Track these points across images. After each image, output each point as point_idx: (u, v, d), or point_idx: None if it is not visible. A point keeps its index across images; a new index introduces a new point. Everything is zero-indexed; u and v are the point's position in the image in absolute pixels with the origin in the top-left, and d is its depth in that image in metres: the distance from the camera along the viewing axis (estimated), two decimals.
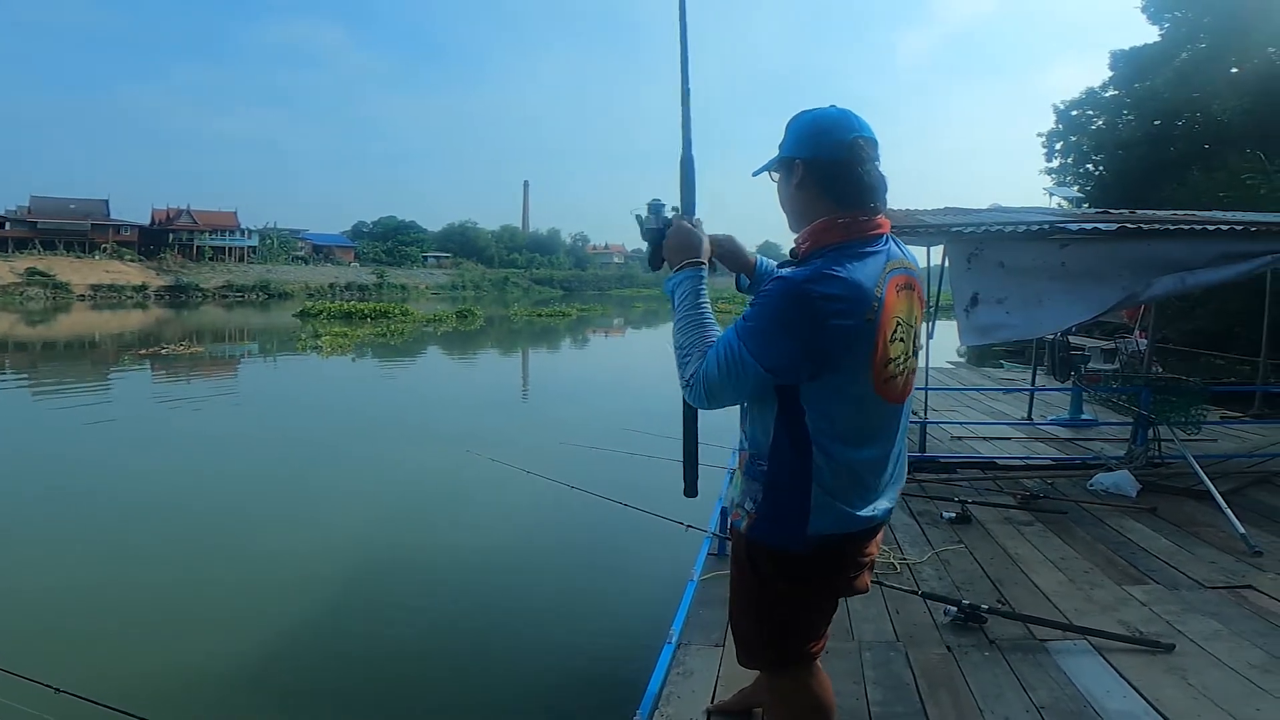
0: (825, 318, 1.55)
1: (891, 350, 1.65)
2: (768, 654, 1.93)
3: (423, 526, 7.54)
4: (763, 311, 1.60)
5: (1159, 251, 5.48)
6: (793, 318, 1.56)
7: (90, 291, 57.06)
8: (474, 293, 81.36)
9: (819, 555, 1.73)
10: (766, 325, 1.59)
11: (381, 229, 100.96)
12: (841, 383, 1.63)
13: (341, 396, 16.75)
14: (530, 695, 4.47)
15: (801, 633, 1.87)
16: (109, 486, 8.84)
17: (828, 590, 1.86)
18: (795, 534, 1.70)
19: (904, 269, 1.70)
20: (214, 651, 4.84)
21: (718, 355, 1.63)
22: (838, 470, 1.67)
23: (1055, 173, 26.15)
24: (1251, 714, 2.63)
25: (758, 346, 1.58)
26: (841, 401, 1.65)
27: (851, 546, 1.79)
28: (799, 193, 1.73)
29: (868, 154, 1.68)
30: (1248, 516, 4.72)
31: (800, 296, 1.55)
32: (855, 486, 1.71)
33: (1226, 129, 18.76)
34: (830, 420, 1.65)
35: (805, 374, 1.61)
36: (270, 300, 62.25)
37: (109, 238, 71.01)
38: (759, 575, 1.82)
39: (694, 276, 1.78)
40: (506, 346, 30.64)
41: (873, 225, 1.68)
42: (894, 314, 1.64)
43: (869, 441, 1.71)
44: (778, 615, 1.85)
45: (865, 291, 1.58)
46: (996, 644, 3.19)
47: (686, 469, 2.17)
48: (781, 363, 1.59)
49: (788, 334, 1.57)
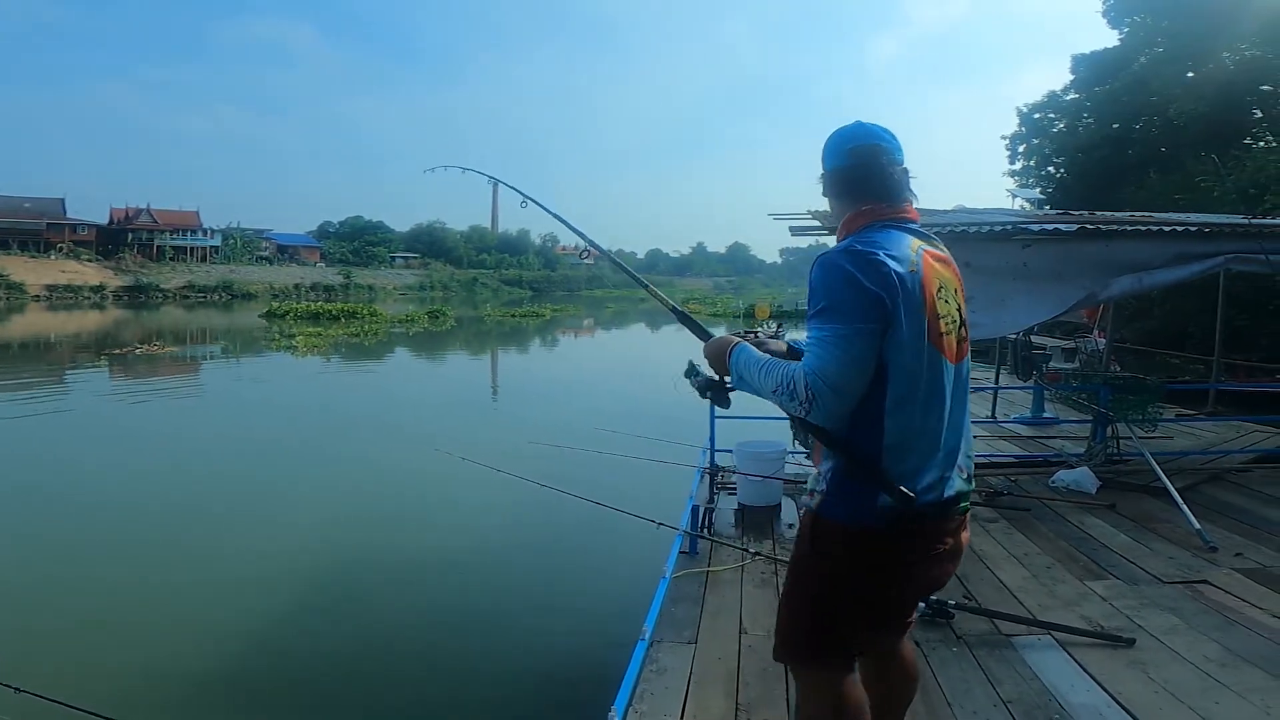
0: (875, 265, 1.64)
1: (939, 307, 1.72)
2: (809, 646, 1.85)
3: (393, 526, 7.50)
4: (825, 287, 1.66)
5: (1117, 252, 5.60)
6: (851, 274, 1.63)
7: (46, 292, 55.59)
8: (442, 293, 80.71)
9: (892, 531, 1.70)
10: (836, 293, 1.64)
11: (348, 229, 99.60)
12: (908, 335, 1.65)
13: (316, 396, 16.73)
14: (503, 693, 4.47)
15: (850, 626, 1.81)
16: (75, 485, 8.73)
17: (896, 574, 1.78)
18: (867, 505, 1.69)
19: (937, 247, 1.83)
20: (181, 651, 4.80)
21: (817, 358, 1.63)
22: (909, 436, 1.69)
23: (1018, 174, 26.65)
24: (1211, 707, 2.70)
25: (844, 314, 1.62)
26: (909, 354, 1.67)
27: (928, 526, 1.74)
28: (832, 200, 1.90)
29: (882, 158, 1.81)
30: (1202, 513, 4.84)
31: (844, 255, 1.67)
32: (923, 452, 1.71)
33: (1182, 132, 19.23)
34: (902, 375, 1.67)
35: (887, 317, 1.63)
36: (233, 301, 61.21)
37: (65, 237, 69.17)
38: (821, 553, 1.78)
39: (739, 352, 1.84)
40: (481, 347, 30.60)
41: (897, 211, 1.80)
42: (934, 276, 1.74)
43: (932, 400, 1.72)
44: (830, 601, 1.79)
45: (901, 250, 1.70)
46: (964, 639, 3.24)
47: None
48: (873, 309, 1.62)
49: (850, 288, 1.62)
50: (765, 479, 5.17)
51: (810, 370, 1.62)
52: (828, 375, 1.61)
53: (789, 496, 5.34)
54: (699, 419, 5.82)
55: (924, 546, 1.76)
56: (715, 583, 3.98)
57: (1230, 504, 5.31)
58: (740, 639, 3.34)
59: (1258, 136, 19.36)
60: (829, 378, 1.61)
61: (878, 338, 1.63)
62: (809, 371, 1.63)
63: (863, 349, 1.62)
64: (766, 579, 4.04)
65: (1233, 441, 7.33)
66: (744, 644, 3.29)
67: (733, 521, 5.07)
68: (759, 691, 2.90)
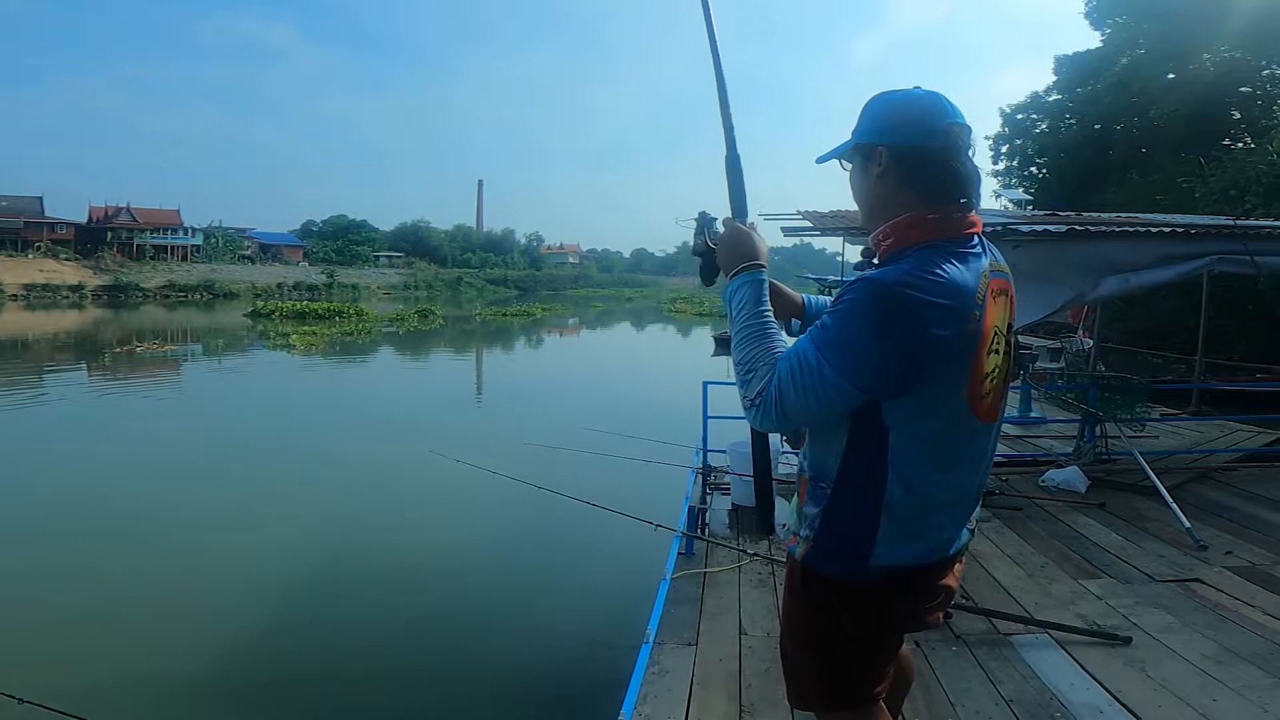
0: (924, 326, 1.33)
1: (987, 364, 1.44)
2: (823, 695, 1.68)
3: (388, 528, 7.48)
4: (848, 319, 1.36)
5: (1105, 253, 5.65)
6: (886, 326, 1.33)
7: (24, 291, 54.81)
8: (427, 293, 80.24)
9: (885, 587, 1.53)
10: (853, 336, 1.35)
11: (332, 228, 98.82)
12: (934, 399, 1.40)
13: (317, 394, 16.86)
14: (501, 697, 4.44)
15: (863, 672, 1.64)
16: (62, 484, 8.72)
17: (892, 625, 1.64)
18: (857, 566, 1.50)
19: (1001, 273, 1.51)
20: (173, 651, 4.78)
21: (791, 371, 1.38)
22: (914, 501, 1.47)
23: (1001, 175, 26.90)
24: (1208, 704, 2.73)
25: (843, 361, 1.34)
26: (931, 419, 1.43)
27: (924, 578, 1.57)
28: (880, 184, 1.49)
29: (963, 142, 1.46)
30: (1191, 511, 4.89)
31: (895, 301, 1.33)
32: (931, 517, 1.51)
33: (1163, 133, 19.47)
34: (915, 441, 1.44)
35: (894, 389, 1.38)
36: (215, 300, 60.59)
37: (43, 236, 68.18)
38: (815, 604, 1.61)
39: (753, 281, 1.53)
40: (475, 346, 30.59)
41: (966, 223, 1.46)
42: (993, 323, 1.44)
43: (955, 467, 1.50)
44: (837, 652, 1.62)
45: (967, 298, 1.38)
46: (963, 639, 3.25)
47: (760, 503, 1.94)
48: (873, 379, 1.36)
49: (879, 345, 1.33)
50: None
51: (779, 381, 1.39)
52: (785, 398, 1.38)
53: (782, 497, 5.34)
54: (692, 418, 5.83)
55: (922, 598, 1.61)
56: (713, 584, 3.98)
57: (1218, 503, 5.37)
58: (740, 640, 3.34)
59: (1236, 138, 19.62)
60: (785, 401, 1.38)
61: (858, 402, 1.39)
62: (777, 381, 1.39)
63: (833, 402, 1.38)
64: (764, 579, 4.04)
65: (1217, 441, 7.42)
66: (744, 645, 3.29)
67: (727, 522, 5.07)
68: (761, 692, 2.90)
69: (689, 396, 5.86)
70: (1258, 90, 20.18)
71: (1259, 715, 2.67)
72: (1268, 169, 13.44)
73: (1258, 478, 5.99)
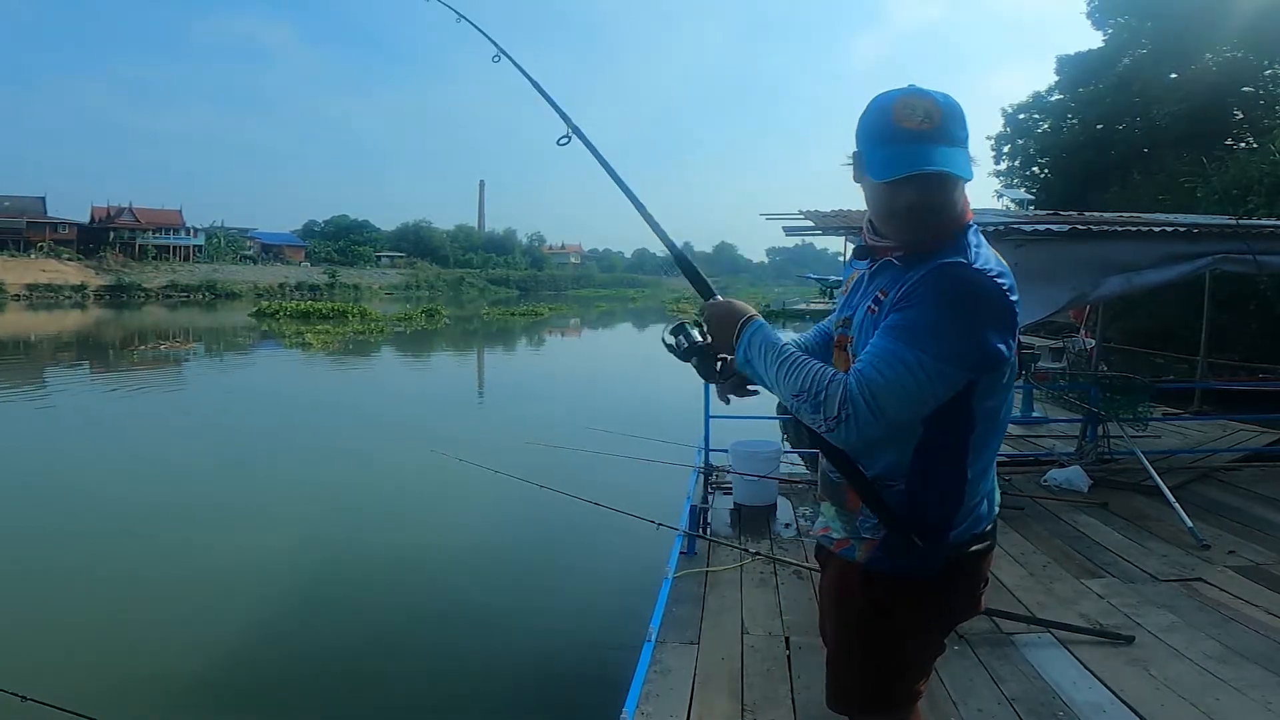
0: (1007, 300, 1.40)
1: None
2: (874, 698, 1.66)
3: (391, 526, 7.48)
4: (939, 308, 1.36)
5: (1107, 252, 5.63)
6: (978, 308, 1.38)
7: (26, 291, 54.90)
8: (428, 293, 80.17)
9: (947, 577, 1.54)
10: (949, 322, 1.36)
11: (333, 228, 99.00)
12: (1004, 374, 1.46)
13: (325, 393, 17.03)
14: (503, 696, 4.44)
15: (915, 671, 1.66)
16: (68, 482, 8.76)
17: (950, 617, 1.66)
18: (930, 559, 1.50)
19: None
20: (177, 651, 4.79)
21: (880, 373, 1.35)
22: (980, 479, 1.51)
23: (1003, 175, 26.85)
24: (1212, 704, 2.73)
25: (945, 349, 1.34)
26: (1003, 395, 1.49)
27: (977, 563, 1.60)
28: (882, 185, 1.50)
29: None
30: (1194, 511, 4.88)
31: (979, 282, 1.38)
32: (986, 493, 1.57)
33: (1165, 133, 19.44)
34: (988, 419, 1.48)
35: (989, 366, 1.40)
36: (217, 300, 60.65)
37: (45, 236, 68.31)
38: (876, 606, 1.57)
39: (756, 329, 1.53)
40: (485, 345, 30.76)
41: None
42: None
43: (997, 438, 1.55)
44: (897, 655, 1.61)
45: (1007, 272, 1.45)
46: (965, 638, 3.25)
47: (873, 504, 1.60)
48: (979, 360, 1.38)
49: (977, 326, 1.37)
50: (761, 478, 5.19)
51: (861, 381, 1.35)
52: (879, 396, 1.34)
53: (784, 496, 5.35)
54: (694, 418, 5.82)
55: (974, 585, 1.64)
56: (715, 583, 3.98)
57: (1221, 502, 5.36)
58: (743, 639, 3.34)
59: (1239, 138, 19.60)
60: (879, 399, 1.34)
61: (959, 386, 1.39)
62: (859, 382, 1.35)
63: (935, 389, 1.36)
64: (765, 579, 4.04)
65: (1220, 440, 7.41)
66: (746, 644, 3.29)
67: (729, 521, 5.08)
68: (763, 691, 2.90)
69: (691, 396, 5.85)
70: (1260, 90, 20.15)
71: (1262, 714, 2.67)
72: (1270, 169, 13.40)
73: (1260, 477, 5.98)
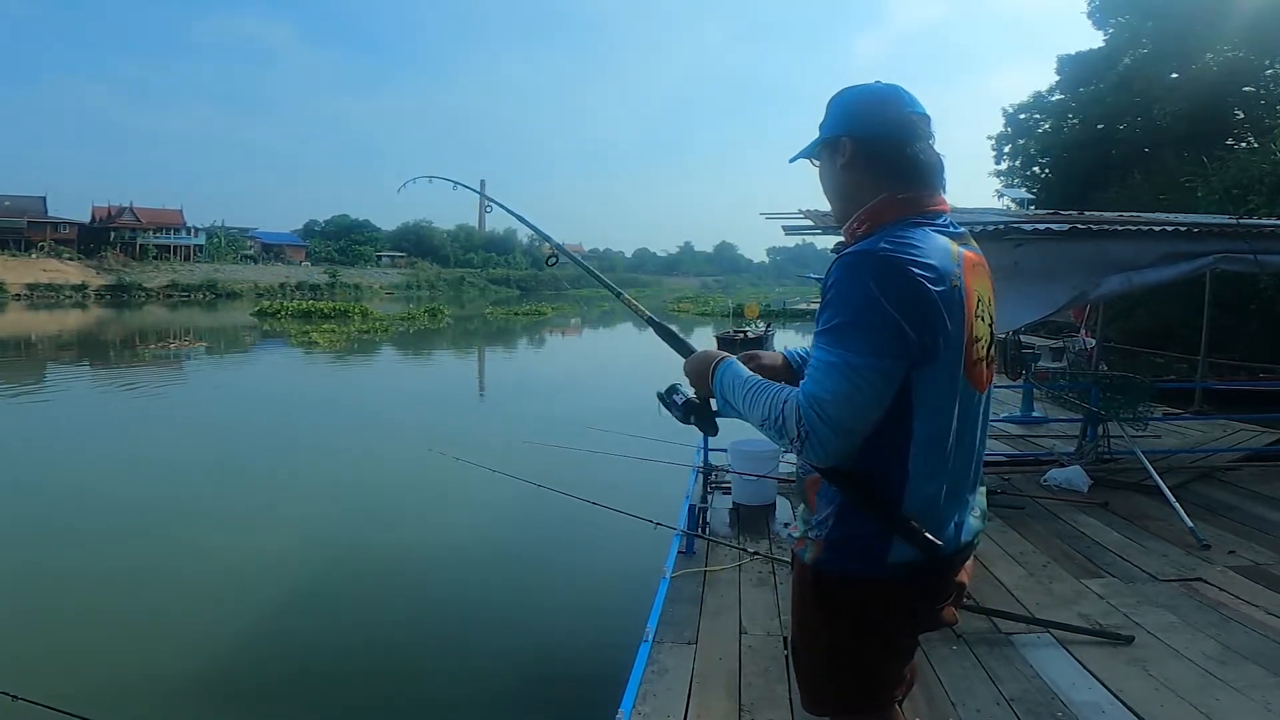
0: (919, 283, 1.34)
1: (976, 329, 1.47)
2: (839, 700, 1.63)
3: (390, 525, 7.49)
4: (847, 298, 1.37)
5: (1108, 252, 5.61)
6: (886, 291, 1.33)
7: (26, 291, 54.93)
8: (429, 292, 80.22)
9: (903, 584, 1.48)
10: (862, 314, 1.34)
11: (334, 228, 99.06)
12: (942, 368, 1.40)
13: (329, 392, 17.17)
14: (499, 695, 4.44)
15: (880, 677, 1.60)
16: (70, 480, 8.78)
17: (910, 625, 1.59)
18: (875, 562, 1.46)
19: (972, 247, 1.54)
20: (174, 650, 4.78)
21: (819, 384, 1.35)
22: (930, 483, 1.45)
23: (1004, 175, 26.90)
24: (1211, 704, 2.71)
25: (866, 342, 1.33)
26: (944, 392, 1.42)
27: (939, 570, 1.52)
28: (845, 174, 1.54)
29: (922, 130, 1.52)
30: (1194, 510, 4.87)
31: (886, 262, 1.35)
32: (945, 501, 1.48)
33: (1165, 133, 19.43)
34: (934, 417, 1.42)
35: (916, 353, 1.35)
36: (218, 300, 60.69)
37: (46, 235, 68.36)
38: (829, 606, 1.55)
39: (723, 368, 1.56)
40: (490, 344, 30.92)
41: (935, 201, 1.51)
42: (974, 289, 1.47)
43: (961, 439, 1.48)
44: (853, 657, 1.58)
45: (945, 259, 1.40)
46: (964, 638, 3.24)
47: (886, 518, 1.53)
48: (901, 346, 1.33)
49: (890, 311, 1.32)
50: (760, 478, 5.18)
51: (808, 399, 1.34)
52: (827, 410, 1.32)
53: (783, 496, 5.34)
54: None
55: (939, 595, 1.57)
56: (713, 583, 3.97)
57: (1221, 502, 5.35)
58: (740, 639, 3.32)
59: (1239, 137, 19.60)
60: (828, 412, 1.32)
61: (899, 377, 1.36)
62: (806, 400, 1.34)
63: (876, 387, 1.34)
64: (764, 579, 4.03)
65: (1220, 440, 7.40)
66: (744, 644, 3.28)
67: (728, 521, 5.07)
68: (761, 691, 2.89)
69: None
70: (1261, 89, 20.14)
71: (1262, 715, 2.65)
72: (1271, 168, 13.40)
73: (1261, 477, 5.96)
